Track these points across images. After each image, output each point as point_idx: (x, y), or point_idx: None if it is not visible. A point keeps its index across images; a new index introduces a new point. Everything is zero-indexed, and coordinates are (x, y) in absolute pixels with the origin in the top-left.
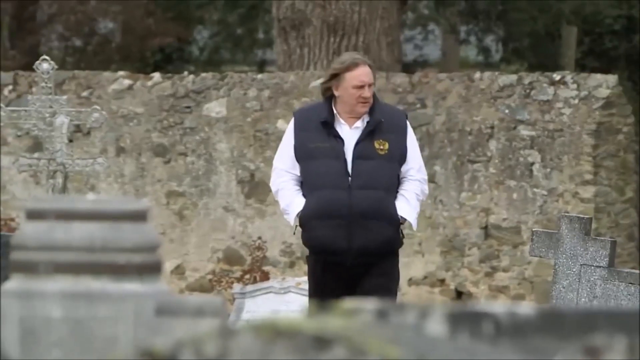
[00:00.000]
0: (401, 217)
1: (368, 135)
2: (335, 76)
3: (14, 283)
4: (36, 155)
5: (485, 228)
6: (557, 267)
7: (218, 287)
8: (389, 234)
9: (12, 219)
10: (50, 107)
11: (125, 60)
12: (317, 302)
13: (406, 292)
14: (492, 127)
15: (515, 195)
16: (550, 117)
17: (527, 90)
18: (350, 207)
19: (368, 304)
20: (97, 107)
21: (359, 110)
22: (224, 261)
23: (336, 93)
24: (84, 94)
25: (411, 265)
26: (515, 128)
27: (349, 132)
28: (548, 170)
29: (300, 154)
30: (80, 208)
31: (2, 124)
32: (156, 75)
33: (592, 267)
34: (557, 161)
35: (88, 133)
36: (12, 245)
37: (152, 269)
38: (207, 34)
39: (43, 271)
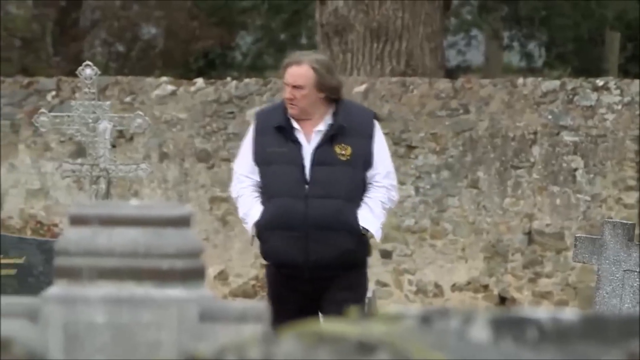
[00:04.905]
0: (362, 227)
1: (329, 139)
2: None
3: (57, 289)
4: (79, 160)
5: (529, 234)
6: (600, 272)
7: (261, 292)
8: (349, 246)
9: (56, 225)
10: (93, 112)
11: (168, 66)
12: (274, 315)
13: (449, 297)
14: (535, 133)
15: (558, 201)
16: (593, 123)
17: (570, 96)
18: (305, 217)
19: (411, 310)
20: (140, 113)
21: (289, 111)
22: None
23: None
24: (127, 99)
25: (454, 270)
26: (558, 134)
27: (308, 136)
28: (591, 175)
29: (259, 159)
30: (123, 214)
31: (45, 130)
32: (199, 81)
33: (636, 273)
34: (600, 167)
35: (131, 139)
36: (55, 251)
37: (195, 275)
38: (250, 39)
39: (86, 277)
